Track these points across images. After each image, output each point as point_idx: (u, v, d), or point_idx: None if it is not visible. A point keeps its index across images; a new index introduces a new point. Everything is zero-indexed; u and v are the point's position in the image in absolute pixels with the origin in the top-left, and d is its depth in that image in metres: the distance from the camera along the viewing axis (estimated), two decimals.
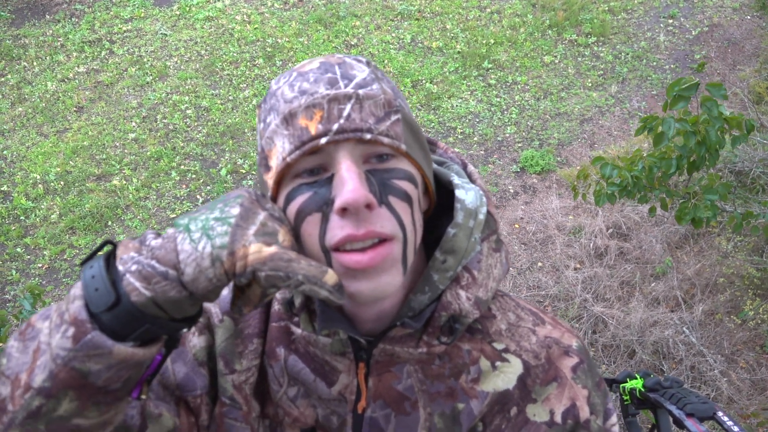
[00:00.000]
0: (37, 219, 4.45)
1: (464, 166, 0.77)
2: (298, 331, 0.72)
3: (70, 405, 0.55)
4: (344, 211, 0.58)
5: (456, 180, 0.71)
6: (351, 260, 0.60)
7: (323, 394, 0.73)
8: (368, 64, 0.65)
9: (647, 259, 3.94)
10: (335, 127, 0.59)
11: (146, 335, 0.56)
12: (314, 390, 0.73)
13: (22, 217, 4.46)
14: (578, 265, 3.97)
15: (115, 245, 0.59)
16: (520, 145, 5.05)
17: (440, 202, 0.73)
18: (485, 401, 0.73)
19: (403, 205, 0.62)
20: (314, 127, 0.59)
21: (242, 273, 0.55)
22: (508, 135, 5.14)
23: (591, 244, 4.05)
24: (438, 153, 0.80)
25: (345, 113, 0.59)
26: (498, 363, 0.74)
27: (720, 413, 1.38)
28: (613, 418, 0.77)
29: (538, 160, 4.81)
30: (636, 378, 1.56)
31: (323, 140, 0.59)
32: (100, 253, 0.59)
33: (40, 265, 4.15)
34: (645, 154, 2.37)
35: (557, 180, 4.70)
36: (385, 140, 0.60)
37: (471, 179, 0.74)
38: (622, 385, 1.58)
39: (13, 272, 4.07)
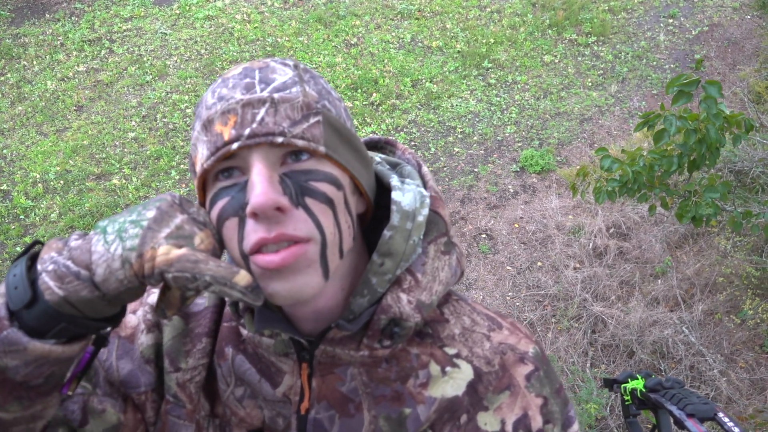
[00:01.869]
0: (37, 218, 4.45)
1: (419, 167, 0.76)
2: (245, 332, 0.72)
3: None
4: (255, 215, 0.58)
5: (394, 182, 0.70)
6: (263, 260, 0.59)
7: (268, 395, 0.73)
8: (295, 67, 0.65)
9: (647, 259, 3.94)
10: (247, 131, 0.59)
11: (64, 333, 0.57)
12: (259, 391, 0.73)
13: (21, 216, 4.46)
14: (578, 265, 3.97)
15: (43, 245, 0.60)
16: (519, 144, 5.05)
17: (385, 204, 0.72)
18: (433, 407, 0.71)
19: (321, 207, 0.61)
20: (228, 133, 0.59)
21: (150, 275, 0.56)
22: (507, 134, 5.14)
23: (590, 244, 4.05)
24: (396, 154, 0.80)
25: (258, 117, 0.59)
26: (448, 368, 0.73)
27: (721, 414, 1.38)
28: (575, 426, 0.76)
29: (537, 160, 4.81)
30: (637, 378, 1.56)
31: (235, 145, 0.59)
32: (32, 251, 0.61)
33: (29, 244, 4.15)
34: (646, 153, 2.37)
35: (557, 179, 4.70)
36: (300, 143, 0.60)
37: (423, 180, 0.73)
38: (623, 385, 1.58)
39: None
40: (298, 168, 0.61)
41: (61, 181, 4.70)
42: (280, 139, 0.59)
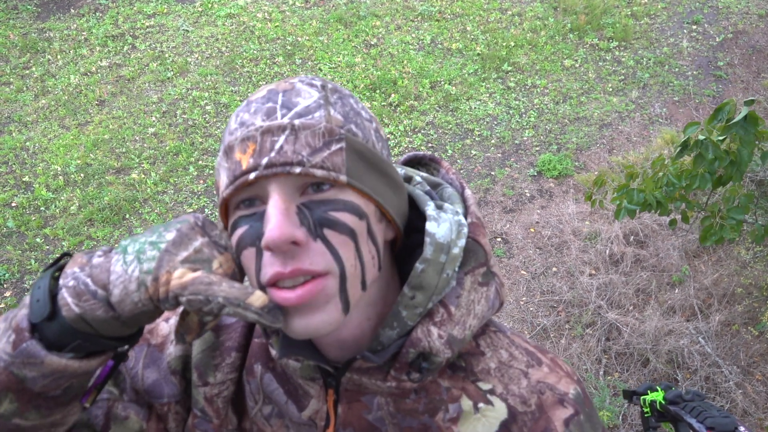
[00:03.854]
0: (57, 210, 4.51)
1: (462, 190, 0.72)
2: (274, 352, 0.70)
3: (11, 405, 0.57)
4: (269, 248, 0.56)
5: (429, 211, 0.66)
6: (280, 297, 0.57)
7: (294, 417, 0.72)
8: (322, 87, 0.62)
9: (664, 267, 3.90)
10: (265, 161, 0.56)
11: (81, 349, 0.57)
12: (286, 412, 0.72)
13: (42, 208, 4.53)
14: (593, 271, 3.94)
15: (71, 257, 0.60)
16: (537, 148, 5.02)
17: (422, 228, 0.68)
18: None
19: (342, 239, 0.58)
20: (246, 162, 0.57)
21: (165, 299, 0.55)
22: (525, 138, 5.11)
23: (607, 251, 4.01)
24: (440, 173, 0.77)
25: (277, 146, 0.56)
26: (481, 405, 0.69)
27: (742, 428, 1.35)
28: None
29: (555, 165, 4.78)
30: (657, 390, 1.54)
31: (252, 175, 0.57)
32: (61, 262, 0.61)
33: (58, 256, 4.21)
34: (667, 162, 2.35)
35: (574, 185, 4.67)
36: (318, 173, 0.57)
37: (465, 205, 0.70)
38: (642, 397, 1.56)
39: (32, 262, 4.13)
40: (317, 198, 0.59)
41: (82, 174, 4.76)
42: (297, 170, 0.56)
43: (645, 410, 1.56)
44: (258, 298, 0.55)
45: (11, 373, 0.55)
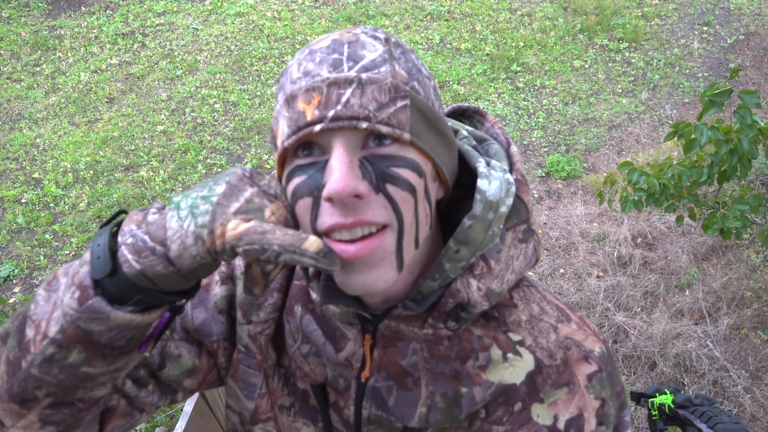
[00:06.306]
0: (66, 207, 4.54)
1: (507, 146, 0.72)
2: (314, 294, 0.72)
3: (79, 356, 0.59)
4: (331, 200, 0.57)
5: (481, 168, 0.66)
6: (338, 249, 0.58)
7: (331, 357, 0.74)
8: (386, 41, 0.61)
9: (672, 270, 3.87)
10: (331, 113, 0.56)
11: (141, 303, 0.58)
12: (323, 352, 0.75)
13: (51, 204, 4.56)
14: (601, 273, 3.92)
15: (127, 215, 0.62)
16: (546, 149, 5.00)
17: (468, 183, 0.69)
18: (489, 390, 0.71)
19: (403, 195, 0.59)
20: (311, 113, 0.57)
21: (222, 251, 0.56)
22: (534, 139, 5.10)
23: (615, 253, 3.99)
24: (485, 126, 0.77)
25: (343, 99, 0.56)
26: (510, 355, 0.72)
27: None
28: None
29: (564, 166, 4.76)
30: (666, 393, 1.53)
31: (317, 127, 0.57)
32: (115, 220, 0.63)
33: (67, 252, 4.23)
34: (675, 162, 2.33)
35: (583, 186, 4.65)
36: (384, 129, 0.57)
37: (510, 161, 0.70)
38: (651, 399, 1.55)
39: (42, 258, 4.16)
40: (380, 153, 0.59)
41: (91, 172, 4.79)
42: (364, 125, 0.56)
43: (653, 413, 1.54)
44: (313, 243, 0.55)
45: (78, 327, 0.57)
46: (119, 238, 0.58)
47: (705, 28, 6.19)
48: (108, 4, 6.60)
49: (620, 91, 5.54)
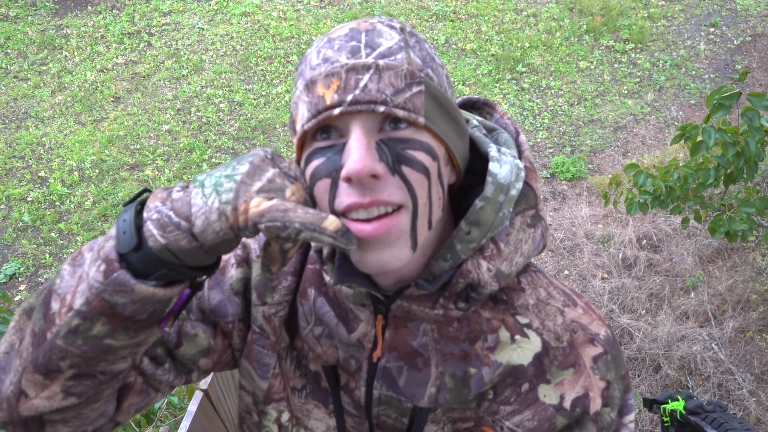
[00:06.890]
0: (72, 205, 4.56)
1: (516, 135, 0.75)
2: (327, 277, 0.74)
3: (103, 328, 0.61)
4: (350, 180, 0.59)
5: (493, 152, 0.69)
6: (355, 228, 0.60)
7: (343, 338, 0.76)
8: (401, 30, 0.64)
9: (677, 272, 3.86)
10: (349, 97, 0.59)
11: (164, 278, 0.60)
12: (336, 333, 0.77)
13: (57, 203, 4.58)
14: (606, 275, 3.91)
15: (151, 193, 0.64)
16: (551, 150, 4.99)
17: (479, 170, 0.72)
18: (497, 371, 0.73)
19: (418, 176, 0.61)
20: (330, 97, 0.60)
21: (245, 227, 0.58)
22: (539, 140, 5.09)
23: (620, 255, 3.98)
24: (494, 117, 0.79)
25: (361, 84, 0.59)
26: (518, 337, 0.74)
27: None
28: (631, 416, 0.76)
29: (569, 167, 4.75)
30: (678, 400, 1.53)
31: (336, 111, 0.59)
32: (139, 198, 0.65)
33: (72, 251, 4.25)
34: (681, 164, 2.32)
35: (588, 187, 4.64)
36: (400, 113, 0.59)
37: (519, 150, 0.73)
38: (663, 406, 1.55)
39: (47, 256, 4.18)
40: (395, 136, 0.61)
41: (97, 170, 4.81)
42: (381, 108, 0.59)
43: (665, 419, 1.54)
44: (332, 222, 0.57)
45: (103, 299, 0.59)
46: (144, 214, 0.60)
47: (712, 30, 6.17)
48: (114, 4, 6.62)
49: (626, 92, 5.52)
